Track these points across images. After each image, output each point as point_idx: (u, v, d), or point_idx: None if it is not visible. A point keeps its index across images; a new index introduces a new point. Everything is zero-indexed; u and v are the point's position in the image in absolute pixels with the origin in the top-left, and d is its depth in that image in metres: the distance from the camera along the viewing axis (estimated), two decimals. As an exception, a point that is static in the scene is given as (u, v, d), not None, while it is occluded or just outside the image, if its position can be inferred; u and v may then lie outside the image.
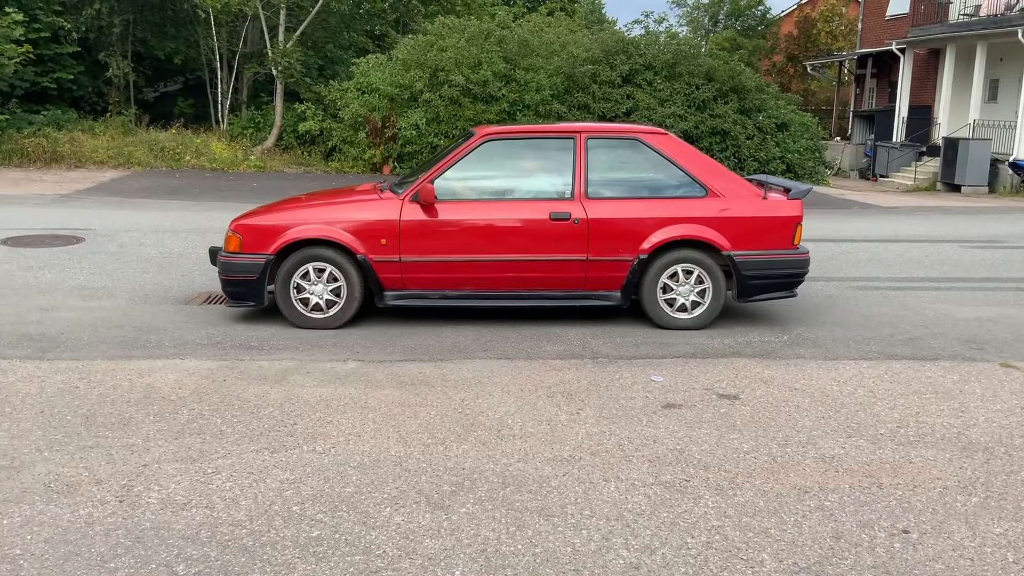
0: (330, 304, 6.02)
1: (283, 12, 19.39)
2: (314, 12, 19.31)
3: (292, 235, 5.92)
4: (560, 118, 17.00)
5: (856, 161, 23.72)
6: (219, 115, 20.59)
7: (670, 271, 6.04)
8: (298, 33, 19.45)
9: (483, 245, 5.97)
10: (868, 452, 4.03)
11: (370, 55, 19.29)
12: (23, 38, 16.85)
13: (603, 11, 36.49)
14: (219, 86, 20.38)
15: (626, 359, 5.47)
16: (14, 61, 16.57)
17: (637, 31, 24.44)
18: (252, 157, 18.30)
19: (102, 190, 14.09)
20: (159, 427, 4.15)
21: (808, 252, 6.28)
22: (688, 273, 6.06)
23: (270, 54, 19.11)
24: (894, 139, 22.33)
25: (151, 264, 8.17)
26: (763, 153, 17.92)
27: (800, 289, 7.63)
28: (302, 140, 19.14)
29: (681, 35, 21.28)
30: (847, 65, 28.37)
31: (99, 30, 19.52)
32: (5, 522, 3.19)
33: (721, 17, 36.59)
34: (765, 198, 6.12)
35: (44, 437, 3.99)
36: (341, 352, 5.49)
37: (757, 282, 6.08)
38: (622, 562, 3.01)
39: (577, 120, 16.88)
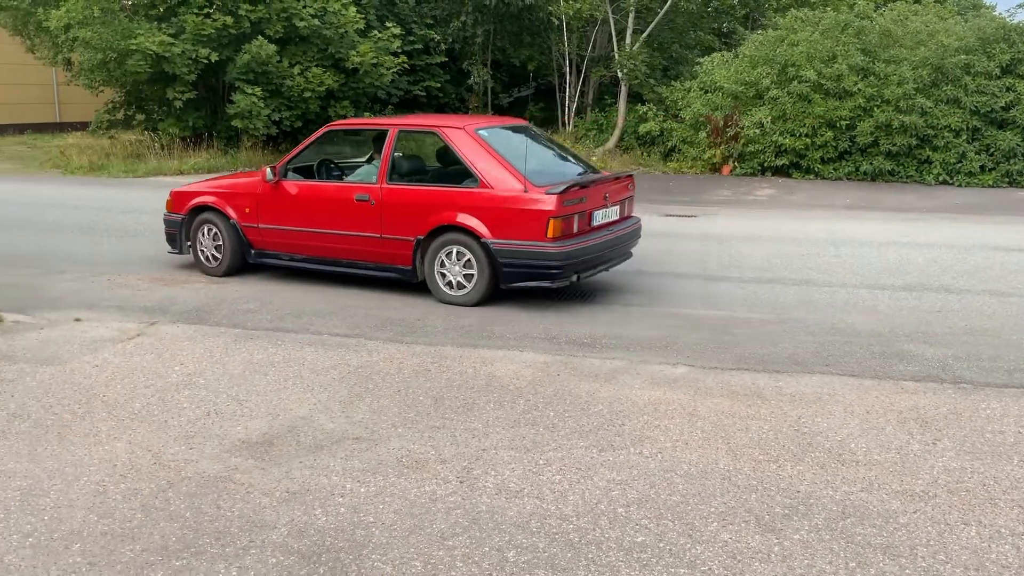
0: (215, 258, 7.66)
1: (631, 15, 19.72)
2: (662, 13, 19.41)
3: (195, 202, 7.74)
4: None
5: None
6: (565, 117, 21.44)
7: (445, 251, 6.63)
8: (645, 35, 19.67)
9: (310, 219, 7.20)
10: None
11: (715, 53, 18.96)
12: (399, 50, 18.78)
13: (980, -6, 32.66)
14: (567, 90, 21.23)
15: (995, 387, 4.82)
16: (391, 71, 18.53)
17: (1022, 16, 21.58)
18: (594, 157, 18.79)
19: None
20: (498, 414, 4.37)
21: (568, 246, 6.28)
22: (460, 255, 6.59)
23: (617, 57, 19.52)
24: None
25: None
26: None
27: None
28: (642, 141, 19.32)
29: (1079, 16, 18.47)
30: None
31: (464, 41, 21.19)
32: (362, 490, 3.53)
33: None
34: (526, 191, 6.31)
35: (399, 414, 4.37)
36: (671, 355, 5.42)
37: (512, 270, 6.45)
38: (984, 622, 2.63)
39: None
